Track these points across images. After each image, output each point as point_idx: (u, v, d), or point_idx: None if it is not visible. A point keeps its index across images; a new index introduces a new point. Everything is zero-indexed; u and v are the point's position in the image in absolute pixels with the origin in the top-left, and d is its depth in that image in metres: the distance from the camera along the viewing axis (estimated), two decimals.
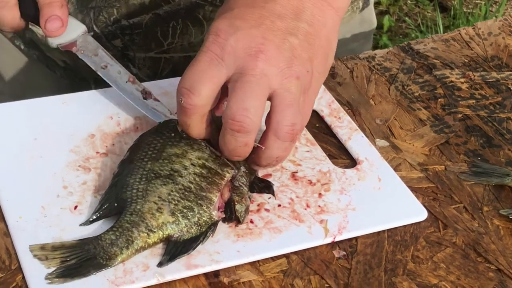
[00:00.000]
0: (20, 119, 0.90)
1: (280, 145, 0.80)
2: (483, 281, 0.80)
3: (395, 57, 1.08)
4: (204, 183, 0.79)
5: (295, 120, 0.79)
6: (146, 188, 0.78)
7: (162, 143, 0.82)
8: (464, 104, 1.01)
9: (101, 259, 0.74)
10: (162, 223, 0.76)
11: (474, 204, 0.87)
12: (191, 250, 0.77)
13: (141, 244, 0.75)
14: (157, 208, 0.77)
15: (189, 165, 0.80)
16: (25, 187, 0.82)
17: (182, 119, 0.81)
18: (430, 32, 2.81)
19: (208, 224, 0.78)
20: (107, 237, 0.75)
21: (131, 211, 0.77)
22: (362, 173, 0.89)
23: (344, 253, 0.81)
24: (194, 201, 0.78)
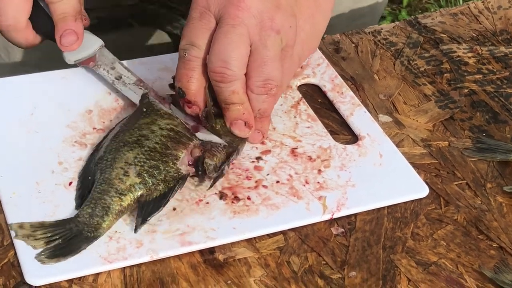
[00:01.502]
0: (17, 93, 0.89)
1: (256, 98, 0.82)
2: (484, 259, 0.78)
3: (401, 31, 1.06)
4: (170, 143, 0.80)
5: (269, 77, 0.81)
6: (114, 157, 0.79)
7: (135, 118, 0.82)
8: (471, 79, 0.99)
9: (88, 233, 0.74)
10: (130, 185, 0.77)
11: (477, 181, 0.86)
12: (162, 207, 0.77)
13: (117, 208, 0.76)
14: (123, 172, 0.77)
15: (157, 129, 0.81)
16: (20, 162, 0.81)
17: (186, 72, 0.82)
18: (450, 7, 2.77)
19: (176, 179, 0.78)
20: (84, 212, 0.75)
21: (100, 181, 0.77)
22: (363, 149, 0.87)
23: (342, 230, 0.80)
24: (159, 159, 0.78)
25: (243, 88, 0.82)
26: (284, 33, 0.81)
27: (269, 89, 0.82)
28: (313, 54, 0.98)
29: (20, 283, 0.72)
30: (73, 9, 0.87)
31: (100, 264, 0.73)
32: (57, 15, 0.87)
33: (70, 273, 0.72)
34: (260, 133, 0.86)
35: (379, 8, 1.23)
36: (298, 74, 0.96)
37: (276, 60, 0.81)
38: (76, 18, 0.87)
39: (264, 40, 0.80)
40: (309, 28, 0.86)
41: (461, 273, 0.77)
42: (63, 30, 0.87)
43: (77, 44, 0.88)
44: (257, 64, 0.81)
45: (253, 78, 0.81)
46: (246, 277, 0.75)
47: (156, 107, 0.83)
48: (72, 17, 0.87)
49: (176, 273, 0.74)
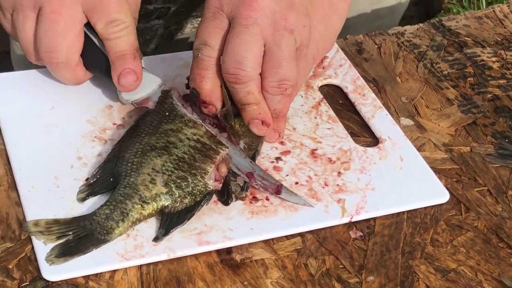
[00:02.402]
0: (37, 87, 0.89)
1: (272, 98, 0.82)
2: (504, 267, 0.77)
3: (425, 33, 1.05)
4: (198, 155, 0.78)
5: (284, 77, 0.81)
6: (141, 161, 0.77)
7: (158, 121, 0.81)
8: (494, 84, 0.98)
9: (99, 234, 0.73)
10: (155, 194, 0.75)
11: (498, 188, 0.85)
12: (186, 220, 0.75)
13: (136, 216, 0.74)
14: (150, 179, 0.76)
15: (185, 139, 0.79)
16: (39, 156, 0.81)
17: (199, 72, 0.82)
18: (472, 8, 2.75)
19: (203, 194, 0.77)
20: (101, 212, 0.74)
21: (124, 184, 0.76)
22: (384, 152, 0.86)
23: (361, 234, 0.79)
24: (187, 171, 0.77)
25: (258, 88, 0.81)
26: (298, 33, 0.81)
27: (284, 90, 0.81)
28: (336, 55, 0.98)
29: (37, 278, 0.72)
30: (131, 46, 0.83)
31: (117, 261, 0.73)
32: (114, 53, 0.83)
33: (86, 270, 0.72)
34: (276, 133, 0.85)
35: (399, 10, 1.22)
36: (319, 74, 0.95)
37: (291, 60, 0.81)
38: (135, 57, 0.84)
39: (278, 40, 0.80)
40: (323, 28, 0.86)
41: (480, 281, 0.76)
42: (122, 69, 0.83)
43: (136, 84, 0.84)
44: (272, 65, 0.80)
45: (268, 79, 0.81)
46: (262, 279, 0.74)
47: (180, 112, 0.82)
48: (131, 56, 0.83)
49: (193, 272, 0.74)
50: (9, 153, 0.82)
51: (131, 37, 0.84)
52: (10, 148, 0.82)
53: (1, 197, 0.78)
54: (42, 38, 0.83)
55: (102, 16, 0.83)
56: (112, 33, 0.83)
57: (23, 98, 0.88)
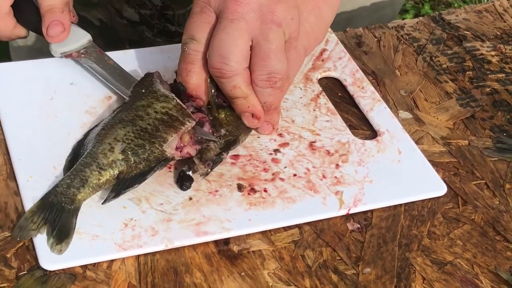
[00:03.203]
0: (37, 77, 0.89)
1: (262, 91, 0.82)
2: (500, 260, 0.77)
3: (425, 27, 1.05)
4: (161, 126, 0.80)
5: (272, 70, 0.81)
6: (106, 133, 0.79)
7: (133, 98, 0.83)
8: (493, 78, 0.98)
9: (66, 204, 0.74)
10: (112, 161, 0.77)
11: (496, 181, 0.85)
12: (137, 184, 0.77)
13: (95, 182, 0.76)
14: (109, 148, 0.78)
15: (152, 112, 0.81)
16: (38, 146, 0.81)
17: (185, 66, 0.82)
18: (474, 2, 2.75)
19: (159, 160, 0.78)
20: (62, 182, 0.76)
21: (86, 154, 0.78)
22: (382, 145, 0.87)
23: (358, 226, 0.79)
24: (147, 139, 0.79)
25: (245, 82, 0.81)
26: (286, 25, 0.81)
27: (273, 83, 0.81)
28: (335, 48, 0.98)
29: (35, 268, 0.72)
30: (60, 1, 0.87)
31: (114, 251, 0.73)
32: (45, 7, 0.87)
33: (84, 259, 0.73)
34: (270, 125, 0.85)
35: (399, 0, 1.22)
36: (319, 67, 0.95)
37: (279, 53, 0.81)
38: (63, 10, 0.87)
39: (266, 33, 0.80)
40: (314, 20, 0.86)
41: (477, 273, 0.76)
42: (50, 21, 0.87)
43: (64, 35, 0.88)
44: (260, 58, 0.80)
45: (257, 72, 0.81)
46: (260, 270, 0.74)
47: (155, 87, 0.83)
48: (59, 9, 0.87)
49: (190, 263, 0.74)
50: (8, 143, 0.82)
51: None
52: (9, 138, 0.82)
53: (0, 187, 0.78)
54: None
55: None
56: None
57: (22, 89, 0.88)
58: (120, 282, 0.72)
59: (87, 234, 0.74)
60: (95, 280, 0.72)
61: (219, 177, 0.81)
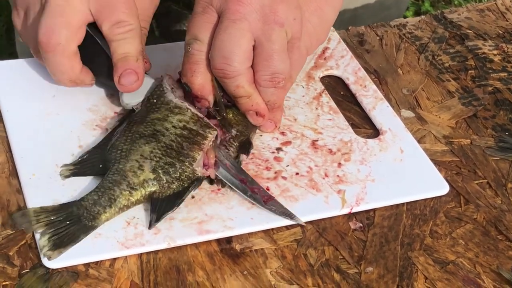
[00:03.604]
0: (39, 75, 0.89)
1: (265, 91, 0.82)
2: (502, 260, 0.77)
3: (427, 25, 1.05)
4: (185, 143, 0.79)
5: (276, 70, 0.81)
6: (130, 148, 0.78)
7: (146, 110, 0.82)
8: (495, 77, 0.98)
9: (86, 220, 0.73)
10: (143, 180, 0.76)
11: (498, 180, 0.85)
12: (176, 206, 0.76)
13: (124, 202, 0.75)
14: (138, 166, 0.76)
15: (170, 127, 0.80)
16: (40, 144, 0.81)
17: (189, 67, 0.82)
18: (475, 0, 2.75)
19: (191, 180, 0.77)
20: (89, 197, 0.74)
21: (113, 171, 0.76)
22: (384, 143, 0.87)
23: (360, 225, 0.79)
24: (175, 157, 0.77)
25: (248, 81, 0.81)
26: (288, 25, 0.81)
27: (277, 83, 0.81)
28: (337, 46, 0.98)
29: (37, 266, 0.72)
30: (135, 49, 0.83)
31: (117, 249, 0.73)
32: (118, 54, 0.82)
33: (87, 257, 0.73)
34: (272, 123, 0.86)
35: (404, 0, 1.22)
36: (321, 65, 0.95)
37: (282, 53, 0.81)
38: (138, 59, 0.83)
39: (268, 34, 0.80)
40: (316, 20, 0.86)
41: (479, 273, 0.76)
42: (123, 70, 0.82)
43: (137, 84, 0.83)
44: (263, 58, 0.80)
45: (260, 72, 0.81)
46: (262, 268, 0.74)
47: (167, 98, 0.82)
48: (134, 58, 0.82)
49: (193, 261, 0.74)
50: (10, 141, 0.82)
51: (136, 40, 0.83)
52: (12, 135, 0.82)
53: (2, 184, 0.78)
54: (43, 20, 0.81)
55: (109, 17, 0.82)
56: (117, 34, 0.82)
57: (25, 86, 0.88)
58: (122, 280, 0.72)
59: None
60: (98, 278, 0.72)
61: None
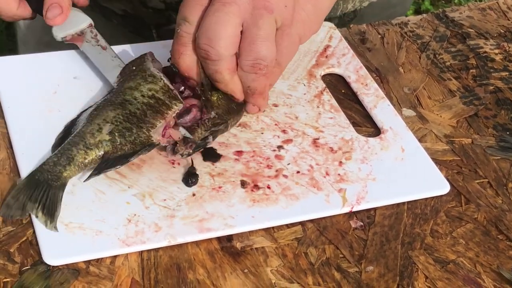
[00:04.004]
0: (40, 71, 0.89)
1: (246, 76, 0.82)
2: (503, 259, 0.77)
3: (428, 24, 1.05)
4: (149, 111, 0.81)
5: (258, 56, 0.81)
6: (97, 114, 0.80)
7: (124, 78, 0.84)
8: (497, 76, 0.98)
9: (52, 181, 0.76)
10: (98, 141, 0.78)
11: (499, 180, 0.85)
12: (119, 165, 0.78)
13: (80, 160, 0.77)
14: (98, 128, 0.79)
15: (139, 96, 0.81)
16: (42, 140, 0.81)
17: (177, 48, 0.83)
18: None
19: (144, 144, 0.79)
20: (49, 160, 0.77)
21: (74, 134, 0.79)
22: (385, 142, 0.87)
23: (361, 224, 0.79)
24: (135, 123, 0.80)
25: (228, 69, 0.81)
26: (278, 12, 0.81)
27: (258, 69, 0.81)
28: (339, 44, 0.98)
29: (38, 262, 0.72)
30: None
31: (118, 247, 0.73)
32: None
33: (87, 255, 0.73)
34: (256, 107, 0.86)
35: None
36: (322, 63, 0.95)
37: (268, 40, 0.81)
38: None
39: (256, 19, 0.80)
40: (311, 8, 0.86)
41: (479, 272, 0.76)
42: (50, 4, 0.88)
43: (61, 17, 0.88)
44: (247, 43, 0.80)
45: (243, 57, 0.81)
46: (263, 267, 0.74)
47: (145, 66, 0.84)
48: None
49: (193, 259, 0.74)
50: (11, 137, 0.82)
51: None
52: (13, 132, 0.82)
53: (3, 181, 0.78)
54: None
55: None
56: None
57: (26, 82, 0.88)
58: (123, 277, 0.72)
59: (91, 230, 0.74)
60: (98, 275, 0.72)
61: (222, 173, 0.81)
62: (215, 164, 0.82)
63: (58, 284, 0.71)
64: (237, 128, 0.86)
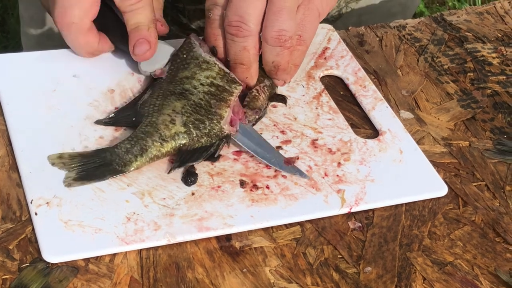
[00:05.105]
0: (40, 69, 0.89)
1: (270, 50, 0.84)
2: (500, 262, 0.78)
3: (426, 27, 1.05)
4: (213, 100, 0.82)
5: (282, 27, 0.83)
6: (162, 103, 0.82)
7: (175, 67, 0.86)
8: (494, 80, 0.98)
9: (117, 165, 0.77)
10: (174, 133, 0.80)
11: (496, 183, 0.85)
12: (201, 158, 0.80)
13: (154, 153, 0.79)
14: (170, 119, 0.80)
15: (199, 85, 0.83)
16: (41, 138, 0.81)
17: (211, 31, 0.86)
18: (468, 2, 2.76)
19: (219, 137, 0.81)
20: (122, 145, 0.78)
21: (146, 123, 0.80)
22: (383, 144, 0.87)
23: (359, 225, 0.80)
24: (204, 115, 0.81)
25: (255, 47, 0.84)
26: None
27: (283, 41, 0.83)
28: (337, 46, 0.98)
29: (37, 260, 0.72)
30: (147, 18, 0.86)
31: (117, 245, 0.73)
32: (130, 25, 0.86)
33: (87, 252, 0.73)
34: (281, 81, 0.88)
35: (411, 8, 1.22)
36: (321, 65, 0.96)
37: (291, 12, 0.83)
38: (149, 28, 0.86)
39: None
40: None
41: (477, 274, 0.76)
42: (136, 40, 0.86)
43: (150, 53, 0.87)
44: (272, 13, 0.83)
45: (268, 28, 0.83)
46: (261, 266, 0.75)
47: (196, 53, 0.86)
48: (145, 27, 0.86)
49: (192, 258, 0.74)
50: (10, 134, 0.82)
51: (147, 9, 0.87)
52: (12, 129, 0.82)
53: (2, 178, 0.78)
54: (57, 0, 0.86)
55: None
56: (128, 6, 0.86)
57: (25, 80, 0.87)
58: (122, 276, 0.72)
59: (90, 227, 0.74)
60: (97, 273, 0.72)
61: (221, 172, 0.81)
62: (214, 163, 0.82)
63: (57, 281, 0.71)
64: None
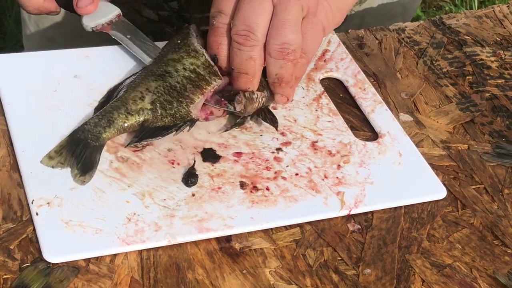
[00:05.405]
0: (41, 70, 0.89)
1: (274, 63, 0.84)
2: (498, 265, 0.78)
3: (425, 30, 1.06)
4: (189, 85, 0.84)
5: (285, 40, 0.83)
6: (139, 82, 0.84)
7: (167, 49, 0.87)
8: (493, 83, 0.99)
9: (92, 141, 0.79)
10: (140, 108, 0.82)
11: (495, 186, 0.86)
12: (160, 136, 0.82)
13: (120, 124, 0.81)
14: (140, 96, 0.82)
15: (181, 69, 0.85)
16: (42, 138, 0.81)
17: (214, 39, 0.86)
18: (464, 7, 2.77)
19: (184, 119, 0.83)
20: (91, 121, 0.81)
21: (117, 98, 0.83)
22: (383, 147, 0.87)
23: (359, 227, 0.80)
24: (175, 97, 0.83)
25: (260, 58, 0.84)
26: (305, 1, 0.83)
27: (286, 54, 0.83)
28: (337, 49, 0.99)
29: (38, 260, 0.72)
30: None
31: (117, 246, 0.73)
32: None
33: (87, 253, 0.73)
34: (284, 97, 0.88)
35: (411, 10, 1.22)
36: (321, 67, 0.96)
37: (295, 25, 0.83)
38: None
39: (285, 5, 0.83)
40: (335, 3, 0.88)
41: (475, 277, 0.77)
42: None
43: (93, 6, 0.90)
44: (276, 27, 0.83)
45: (271, 41, 0.83)
46: (261, 268, 0.75)
47: (190, 41, 0.87)
48: None
49: (193, 259, 0.75)
50: (11, 134, 0.82)
51: None
52: (13, 129, 0.82)
53: (3, 178, 0.78)
54: None
55: None
56: None
57: (26, 80, 0.88)
58: (122, 276, 0.72)
59: (91, 228, 0.74)
60: (98, 274, 0.72)
61: (221, 174, 0.81)
62: (214, 165, 0.82)
63: (58, 281, 0.71)
64: (236, 130, 0.86)
